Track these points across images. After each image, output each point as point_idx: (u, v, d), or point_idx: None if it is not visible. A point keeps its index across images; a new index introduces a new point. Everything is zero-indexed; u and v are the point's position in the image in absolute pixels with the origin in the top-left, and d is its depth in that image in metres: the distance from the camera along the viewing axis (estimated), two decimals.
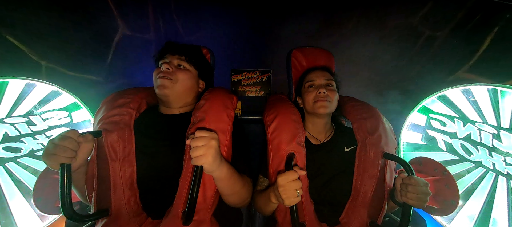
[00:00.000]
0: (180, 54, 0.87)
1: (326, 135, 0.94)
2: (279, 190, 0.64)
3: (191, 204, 0.62)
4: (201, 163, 0.61)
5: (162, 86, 0.81)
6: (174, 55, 0.86)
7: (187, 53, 0.88)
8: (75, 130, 0.66)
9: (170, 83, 0.82)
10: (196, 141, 0.61)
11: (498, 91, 1.15)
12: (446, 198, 0.97)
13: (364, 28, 1.63)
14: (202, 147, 0.60)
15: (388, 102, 1.67)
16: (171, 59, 0.86)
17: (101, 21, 1.44)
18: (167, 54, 0.87)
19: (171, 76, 0.82)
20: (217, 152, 0.63)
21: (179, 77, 0.84)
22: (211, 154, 0.60)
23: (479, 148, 1.18)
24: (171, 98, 0.85)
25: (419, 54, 1.53)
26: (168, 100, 0.85)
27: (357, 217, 0.78)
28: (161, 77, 0.81)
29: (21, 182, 1.15)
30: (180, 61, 0.86)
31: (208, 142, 0.60)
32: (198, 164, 0.61)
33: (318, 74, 0.93)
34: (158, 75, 0.82)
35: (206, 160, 0.60)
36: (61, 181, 0.59)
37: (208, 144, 0.60)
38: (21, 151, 1.16)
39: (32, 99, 1.20)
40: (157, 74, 0.83)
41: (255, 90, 1.24)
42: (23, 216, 1.14)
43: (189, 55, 0.88)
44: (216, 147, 0.62)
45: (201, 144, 0.60)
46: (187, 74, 0.86)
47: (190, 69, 0.88)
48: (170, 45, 0.89)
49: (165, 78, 0.81)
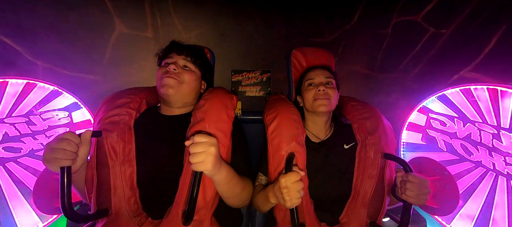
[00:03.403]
0: (186, 55, 0.86)
1: (326, 133, 0.94)
2: (282, 192, 0.64)
3: (191, 203, 0.62)
4: (201, 169, 0.61)
5: (167, 86, 0.80)
6: (180, 55, 0.86)
7: (193, 54, 0.87)
8: (72, 131, 0.65)
9: (176, 83, 0.81)
10: (195, 147, 0.60)
11: (498, 91, 1.15)
12: (446, 198, 0.97)
13: (367, 26, 1.62)
14: (201, 154, 0.60)
15: (389, 102, 1.67)
16: (177, 60, 0.85)
17: (97, 19, 1.43)
18: (172, 54, 0.86)
19: (178, 76, 0.82)
20: (217, 158, 0.63)
21: (185, 79, 0.83)
22: (211, 161, 0.60)
23: (479, 148, 1.18)
24: (174, 99, 0.84)
25: (423, 52, 1.50)
26: (170, 100, 0.85)
27: (356, 217, 0.78)
28: (167, 76, 0.81)
29: (21, 182, 1.15)
30: (186, 62, 0.86)
31: (208, 149, 0.60)
32: (197, 170, 0.61)
33: (317, 73, 0.93)
34: (164, 75, 0.81)
35: (206, 167, 0.60)
36: (61, 183, 0.59)
37: (208, 151, 0.60)
38: (21, 151, 1.16)
39: (32, 99, 1.20)
40: (163, 74, 0.82)
41: (255, 90, 1.24)
42: (23, 216, 1.14)
43: (195, 57, 0.88)
44: (215, 153, 0.61)
45: (200, 150, 0.60)
46: (192, 75, 0.86)
47: (195, 70, 0.88)
48: (176, 45, 0.88)
49: (171, 78, 0.81)
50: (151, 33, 1.55)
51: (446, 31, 1.40)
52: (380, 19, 1.60)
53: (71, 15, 1.36)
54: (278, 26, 1.67)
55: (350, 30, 1.65)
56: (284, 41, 1.68)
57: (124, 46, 1.51)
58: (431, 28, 1.46)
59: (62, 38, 1.35)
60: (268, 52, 1.66)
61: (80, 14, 1.38)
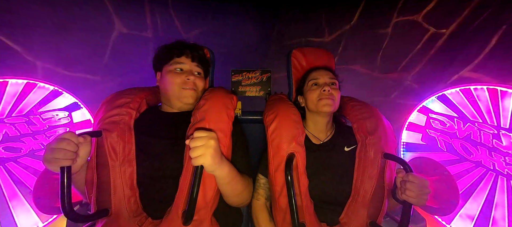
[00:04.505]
0: (198, 62, 0.89)
1: (327, 134, 0.94)
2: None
3: (191, 203, 0.62)
4: (200, 163, 0.61)
5: (189, 97, 0.84)
6: (193, 62, 0.88)
7: (201, 59, 0.90)
8: (72, 132, 0.65)
9: (195, 94, 0.85)
10: (195, 141, 0.61)
11: (498, 91, 1.15)
12: (446, 198, 0.97)
13: (367, 26, 1.62)
14: (201, 147, 0.60)
15: (389, 102, 1.67)
16: (191, 67, 0.87)
17: (97, 19, 1.42)
18: (183, 58, 0.87)
19: (195, 86, 0.85)
20: (217, 151, 0.63)
21: (199, 86, 0.87)
22: (210, 153, 0.61)
23: (479, 148, 1.18)
24: (191, 106, 0.87)
25: (423, 52, 1.49)
26: (189, 108, 0.87)
27: (357, 217, 0.78)
28: (188, 89, 0.83)
29: (21, 182, 1.15)
30: (198, 69, 0.89)
31: (207, 142, 0.61)
32: (197, 164, 0.61)
33: (322, 73, 0.93)
34: (184, 86, 0.83)
35: (205, 160, 0.61)
36: (61, 183, 0.59)
37: (207, 144, 0.61)
38: (21, 151, 1.16)
39: (32, 99, 1.20)
40: (183, 84, 0.83)
41: (255, 90, 1.24)
42: (23, 216, 1.14)
43: (202, 61, 0.91)
44: (215, 146, 0.62)
45: (200, 144, 0.61)
46: (203, 82, 0.89)
47: (204, 76, 0.92)
48: (186, 48, 0.88)
49: (192, 91, 0.84)
50: (150, 33, 1.55)
51: (446, 31, 1.40)
52: (380, 19, 1.59)
53: (71, 15, 1.35)
54: (278, 26, 1.67)
55: (350, 30, 1.65)
56: (284, 41, 1.68)
57: (124, 46, 1.50)
58: (431, 28, 1.45)
59: (62, 38, 1.35)
60: (268, 52, 1.66)
61: (80, 14, 1.38)
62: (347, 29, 1.64)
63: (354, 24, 1.63)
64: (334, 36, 1.66)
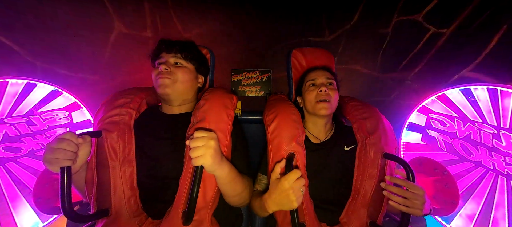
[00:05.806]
0: (176, 52, 0.85)
1: (327, 134, 0.94)
2: (288, 194, 0.63)
3: (191, 203, 0.62)
4: (200, 163, 0.61)
5: (163, 86, 0.81)
6: (169, 53, 0.85)
7: (183, 50, 0.87)
8: (72, 132, 0.65)
9: (170, 82, 0.82)
10: (195, 141, 0.61)
11: (498, 91, 1.15)
12: (446, 198, 0.97)
13: (367, 25, 1.62)
14: (201, 148, 0.60)
15: (389, 102, 1.67)
16: (167, 58, 0.85)
17: (97, 19, 1.42)
18: (162, 53, 0.86)
19: (171, 75, 0.82)
20: (217, 152, 0.63)
21: (178, 76, 0.83)
22: (210, 153, 0.61)
23: (479, 148, 1.18)
24: (173, 97, 0.85)
25: (423, 52, 1.49)
26: (170, 98, 0.85)
27: (356, 217, 0.78)
28: (161, 77, 0.81)
29: (21, 182, 1.15)
30: (176, 59, 0.85)
31: (207, 142, 0.61)
32: (197, 164, 0.61)
33: (319, 73, 0.93)
34: (157, 76, 0.82)
35: (205, 160, 0.61)
36: (61, 183, 0.59)
37: (207, 144, 0.61)
38: (21, 151, 1.16)
39: (32, 99, 1.20)
40: (157, 75, 0.82)
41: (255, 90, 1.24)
42: (23, 216, 1.14)
43: (185, 52, 0.87)
44: (215, 146, 0.62)
45: (200, 144, 0.61)
46: (185, 71, 0.86)
47: (187, 65, 0.87)
48: (164, 43, 0.87)
49: (165, 78, 0.81)
50: (150, 33, 1.55)
51: (446, 31, 1.40)
52: (381, 19, 1.59)
53: (71, 15, 1.35)
54: (278, 26, 1.67)
55: (350, 30, 1.65)
56: (284, 41, 1.68)
57: (124, 46, 1.50)
58: (431, 27, 1.45)
59: (61, 38, 1.35)
60: (268, 52, 1.66)
61: (80, 14, 1.38)
62: (347, 29, 1.64)
63: (354, 24, 1.63)
64: (334, 36, 1.66)
